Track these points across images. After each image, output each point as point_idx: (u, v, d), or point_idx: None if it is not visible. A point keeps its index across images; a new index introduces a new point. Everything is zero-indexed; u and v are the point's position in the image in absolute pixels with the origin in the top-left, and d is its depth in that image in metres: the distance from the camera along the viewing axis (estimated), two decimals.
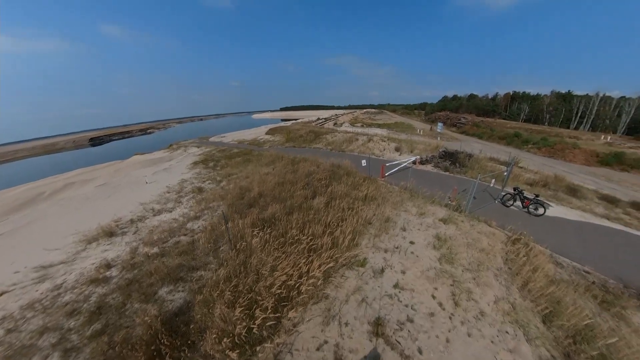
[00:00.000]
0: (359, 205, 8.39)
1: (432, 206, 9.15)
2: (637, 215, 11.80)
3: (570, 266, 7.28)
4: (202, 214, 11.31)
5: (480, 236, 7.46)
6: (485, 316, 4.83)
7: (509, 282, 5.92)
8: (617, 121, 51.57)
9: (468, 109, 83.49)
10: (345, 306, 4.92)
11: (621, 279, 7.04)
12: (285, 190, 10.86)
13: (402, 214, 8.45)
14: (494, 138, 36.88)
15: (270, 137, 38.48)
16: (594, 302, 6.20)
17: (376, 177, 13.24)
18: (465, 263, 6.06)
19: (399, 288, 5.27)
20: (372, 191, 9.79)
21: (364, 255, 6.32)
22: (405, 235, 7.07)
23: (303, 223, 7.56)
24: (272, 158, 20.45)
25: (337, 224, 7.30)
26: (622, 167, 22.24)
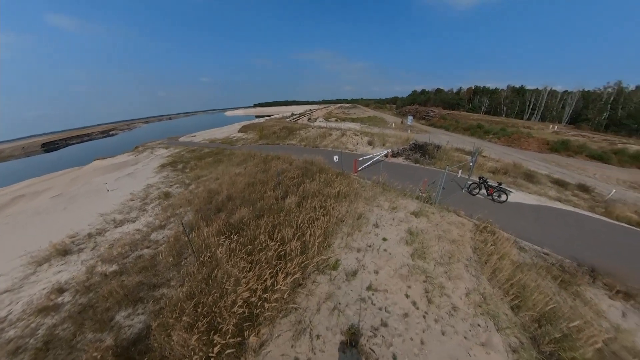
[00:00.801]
0: (331, 204, 8.03)
1: (403, 199, 9.07)
2: (583, 196, 12.80)
3: (532, 249, 7.57)
4: (168, 222, 10.37)
5: (450, 227, 7.47)
6: (458, 311, 4.72)
7: (478, 272, 5.93)
8: (562, 112, 56.63)
9: (435, 102, 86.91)
10: (316, 316, 4.54)
11: (575, 257, 7.44)
12: (256, 191, 10.22)
13: (374, 210, 8.24)
14: (459, 129, 38.62)
15: (243, 135, 36.96)
16: (554, 282, 6.45)
17: (349, 172, 13.01)
18: (437, 256, 5.97)
19: (373, 290, 5.00)
20: (344, 187, 9.50)
21: (337, 256, 5.98)
22: (378, 232, 6.85)
23: (273, 226, 7.05)
24: (244, 157, 19.48)
25: (308, 224, 6.88)
26: (568, 153, 24.32)
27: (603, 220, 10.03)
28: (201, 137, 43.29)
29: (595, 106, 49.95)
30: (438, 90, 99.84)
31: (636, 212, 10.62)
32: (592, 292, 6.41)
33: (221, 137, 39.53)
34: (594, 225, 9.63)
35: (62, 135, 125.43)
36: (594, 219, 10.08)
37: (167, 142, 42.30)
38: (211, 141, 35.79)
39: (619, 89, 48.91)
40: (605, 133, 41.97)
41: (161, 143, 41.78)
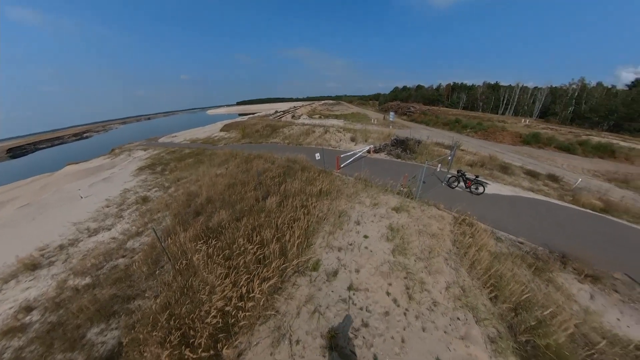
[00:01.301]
0: (312, 203, 7.85)
1: (385, 195, 9.03)
2: (553, 185, 13.40)
3: (508, 239, 7.76)
4: (146, 229, 9.82)
5: (430, 221, 7.50)
6: (438, 305, 4.69)
7: (458, 265, 5.96)
8: (533, 107, 59.49)
9: (416, 98, 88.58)
10: (296, 321, 4.35)
11: (547, 245, 7.71)
12: (236, 192, 9.84)
13: (356, 206, 8.14)
14: (439, 124, 39.56)
15: (226, 134, 35.91)
16: (529, 270, 6.63)
17: (332, 169, 12.86)
18: (418, 251, 5.94)
19: (354, 290, 4.87)
20: (326, 185, 9.33)
21: (318, 256, 5.81)
22: (360, 230, 6.74)
23: (253, 228, 6.77)
24: (225, 157, 18.84)
25: (289, 225, 6.66)
26: (539, 145, 25.53)
27: (571, 208, 10.52)
28: (182, 138, 41.65)
29: (561, 101, 53.02)
30: (419, 86, 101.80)
31: (599, 199, 11.23)
32: (563, 277, 6.65)
33: (203, 136, 38.22)
34: (563, 213, 10.07)
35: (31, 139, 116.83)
36: (563, 207, 10.55)
37: (146, 143, 40.34)
38: (192, 141, 34.49)
39: (582, 86, 52.23)
40: (571, 126, 44.54)
41: (140, 145, 39.78)
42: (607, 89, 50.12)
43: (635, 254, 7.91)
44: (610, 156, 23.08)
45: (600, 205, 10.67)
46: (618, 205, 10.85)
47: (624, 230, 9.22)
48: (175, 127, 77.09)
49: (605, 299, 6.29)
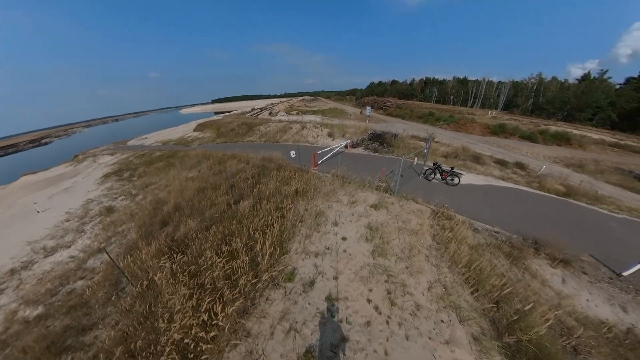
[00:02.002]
0: (288, 205, 7.28)
1: (363, 192, 8.67)
2: (521, 173, 13.91)
3: (484, 229, 7.74)
4: (109, 244, 8.73)
5: (409, 216, 7.25)
6: (421, 309, 4.39)
7: (439, 260, 5.74)
8: (498, 100, 62.92)
9: (392, 93, 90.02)
10: (270, 342, 3.82)
11: (520, 232, 7.81)
12: (206, 197, 9.01)
13: (334, 205, 7.70)
14: (413, 117, 40.27)
15: (200, 134, 33.89)
16: (506, 260, 6.62)
17: (309, 167, 12.32)
18: (398, 251, 5.63)
19: (332, 300, 4.43)
20: (303, 184, 8.79)
21: (293, 264, 5.29)
22: (337, 231, 6.30)
23: (223, 237, 6.09)
24: (198, 158, 17.55)
25: (262, 231, 6.05)
26: (505, 135, 26.77)
27: (538, 194, 10.89)
28: (153, 139, 38.69)
29: (523, 94, 56.72)
30: (393, 81, 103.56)
31: (561, 184, 11.75)
32: (537, 263, 6.71)
33: (175, 137, 35.75)
34: (532, 199, 10.38)
35: None
36: (531, 194, 10.89)
37: (114, 147, 36.93)
38: (164, 143, 32.11)
39: (540, 80, 56.26)
40: (531, 117, 47.54)
41: (106, 149, 36.28)
42: (560, 82, 54.23)
43: (596, 234, 8.27)
44: (566, 143, 24.75)
45: (562, 190, 11.15)
46: (577, 189, 11.41)
47: (584, 212, 9.67)
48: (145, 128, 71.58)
49: (575, 281, 6.43)
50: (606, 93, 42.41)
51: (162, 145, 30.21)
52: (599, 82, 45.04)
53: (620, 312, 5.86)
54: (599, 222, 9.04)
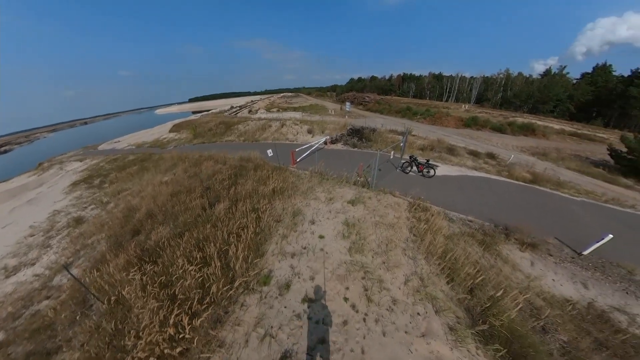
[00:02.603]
0: (264, 205, 6.99)
1: (341, 188, 8.55)
2: (492, 162, 14.50)
3: (459, 219, 7.93)
4: (78, 258, 8.01)
5: (387, 210, 7.24)
6: (398, 303, 4.33)
7: (415, 252, 5.74)
8: (470, 94, 65.62)
9: (371, 88, 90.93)
10: (245, 351, 3.60)
11: (492, 220, 8.07)
12: (180, 202, 8.47)
13: (311, 203, 7.51)
14: (392, 112, 40.92)
15: (176, 135, 32.23)
16: (479, 247, 6.81)
17: (288, 165, 12.04)
18: (375, 246, 5.56)
19: (308, 301, 4.26)
20: (280, 183, 8.52)
21: (270, 267, 5.06)
22: (314, 229, 6.13)
23: (196, 243, 5.71)
24: (174, 161, 16.59)
25: (238, 234, 5.74)
26: (477, 127, 27.92)
27: (508, 182, 11.38)
28: (126, 142, 36.15)
29: (492, 88, 59.80)
30: (373, 77, 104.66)
31: (528, 172, 12.38)
32: (507, 248, 6.96)
33: (150, 139, 33.67)
34: (502, 187, 10.82)
35: None
36: (501, 182, 11.36)
37: (83, 152, 33.86)
38: (138, 146, 30.08)
39: (507, 75, 59.54)
40: (501, 109, 50.00)
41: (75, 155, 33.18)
42: (525, 78, 57.62)
43: (559, 217, 8.76)
44: (532, 134, 26.25)
45: (529, 177, 11.74)
46: (542, 175, 12.07)
47: (548, 197, 10.22)
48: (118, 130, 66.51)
49: (542, 263, 6.74)
50: (565, 87, 45.72)
51: (136, 149, 28.32)
52: (558, 77, 48.31)
53: (582, 289, 6.22)
54: (561, 206, 9.59)
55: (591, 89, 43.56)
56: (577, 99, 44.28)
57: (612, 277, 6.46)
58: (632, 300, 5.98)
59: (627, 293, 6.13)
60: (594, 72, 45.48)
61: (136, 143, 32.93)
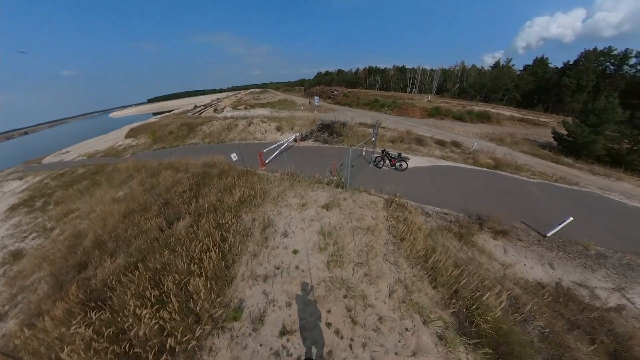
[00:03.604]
0: (230, 218, 6.14)
1: (313, 191, 7.93)
2: (457, 150, 14.93)
3: (434, 212, 7.82)
4: (15, 304, 6.47)
5: (363, 211, 6.82)
6: (384, 321, 3.91)
7: (397, 256, 5.40)
8: (431, 85, 68.62)
9: (339, 82, 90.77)
10: None
11: (465, 210, 8.12)
12: (134, 223, 7.23)
13: (283, 211, 6.81)
14: (360, 105, 41.03)
15: (133, 141, 28.81)
16: (457, 240, 6.72)
17: (256, 167, 11.11)
18: (355, 255, 5.09)
19: (287, 333, 3.66)
20: (248, 190, 7.64)
21: (240, 295, 4.34)
22: (288, 243, 5.47)
23: (152, 276, 4.75)
24: (129, 172, 14.56)
25: (200, 259, 4.87)
26: (441, 117, 29.05)
27: (474, 169, 11.71)
28: (76, 153, 31.32)
29: (451, 80, 63.34)
30: (340, 71, 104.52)
31: (490, 158, 12.90)
32: (482, 238, 6.97)
33: (104, 147, 29.64)
34: (469, 174, 11.08)
35: None
36: (468, 170, 11.65)
37: (24, 168, 28.52)
38: (90, 156, 26.11)
39: (463, 67, 63.37)
40: (459, 99, 52.96)
41: (13, 172, 27.65)
42: (478, 70, 61.85)
43: (521, 200, 9.13)
44: (488, 121, 28.00)
45: (492, 163, 12.21)
46: (503, 161, 12.64)
47: (510, 181, 10.68)
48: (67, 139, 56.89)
49: (514, 249, 6.85)
50: (511, 78, 49.97)
51: (87, 160, 24.62)
52: (506, 69, 52.52)
53: (550, 270, 6.42)
54: (522, 189, 10.04)
55: (532, 79, 48.10)
56: (522, 88, 48.67)
57: (572, 255, 6.79)
58: (589, 274, 6.32)
59: (585, 268, 6.48)
60: (534, 64, 50.10)
61: (87, 153, 28.71)
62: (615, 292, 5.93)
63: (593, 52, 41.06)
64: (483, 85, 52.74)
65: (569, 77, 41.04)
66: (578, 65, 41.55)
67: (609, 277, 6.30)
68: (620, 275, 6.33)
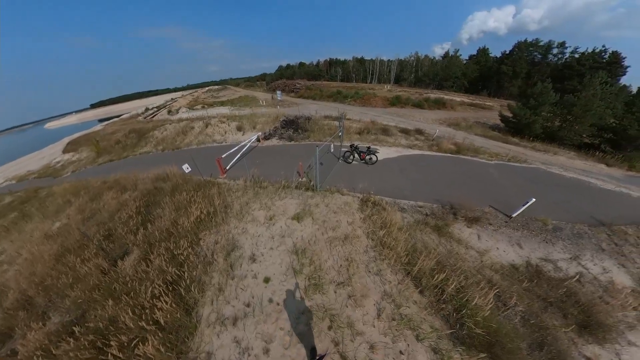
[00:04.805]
0: (187, 245, 5.05)
1: (281, 200, 7.04)
2: (421, 138, 15.15)
3: (409, 206, 7.56)
4: None
5: (338, 217, 6.22)
6: (377, 349, 3.41)
7: (379, 264, 4.93)
8: (390, 75, 70.43)
9: (301, 75, 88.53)
10: None
11: (438, 200, 8.02)
12: (69, 267, 5.70)
13: (249, 228, 5.89)
14: (324, 97, 40.34)
15: (73, 156, 24.25)
16: (435, 234, 6.52)
17: (216, 175, 9.83)
18: (335, 274, 4.48)
19: None
20: (207, 206, 6.50)
21: (206, 346, 3.48)
22: (257, 270, 4.64)
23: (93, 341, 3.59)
24: (68, 196, 11.92)
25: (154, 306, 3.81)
26: (402, 105, 29.75)
27: (439, 156, 11.88)
28: (2, 177, 25.24)
29: (407, 70, 65.72)
30: (301, 64, 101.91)
31: (452, 144, 13.23)
32: (457, 227, 6.88)
33: (38, 167, 24.31)
34: (436, 161, 11.19)
35: None
36: (434, 157, 11.78)
37: None
38: (20, 179, 21.03)
39: (417, 58, 66.23)
40: (415, 87, 55.24)
41: None
42: (431, 59, 65.02)
43: (484, 182, 9.42)
44: (443, 107, 29.42)
45: (454, 149, 12.53)
46: (463, 145, 13.06)
47: (471, 165, 11.02)
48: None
49: (486, 234, 6.88)
50: (459, 67, 53.58)
51: (16, 184, 19.85)
52: (455, 59, 56.11)
53: (519, 249, 6.56)
54: (483, 171, 10.39)
55: (477, 68, 52.17)
56: (468, 76, 52.59)
57: (534, 231, 7.07)
58: (550, 247, 6.64)
59: (546, 242, 6.78)
60: (477, 54, 54.27)
61: (17, 175, 23.17)
62: (573, 262, 6.28)
63: (524, 43, 45.50)
64: (436, 74, 55.79)
65: (506, 65, 45.23)
66: (513, 54, 45.87)
67: (565, 247, 6.66)
68: (574, 245, 6.75)
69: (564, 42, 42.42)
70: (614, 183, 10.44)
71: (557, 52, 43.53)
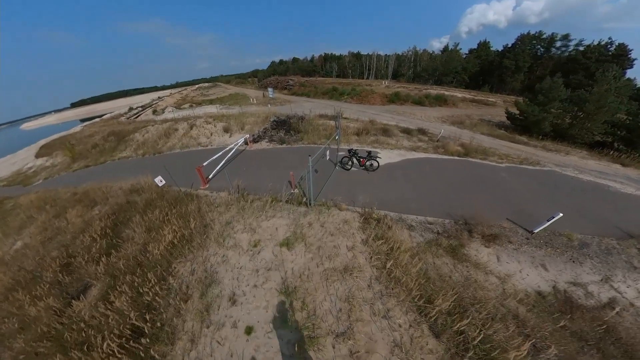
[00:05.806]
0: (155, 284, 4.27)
1: (268, 220, 6.23)
2: (424, 139, 14.51)
3: (418, 223, 6.86)
4: None
5: (335, 240, 5.49)
6: None
7: (387, 301, 4.24)
8: (387, 71, 69.88)
9: (294, 71, 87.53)
10: None
11: (449, 214, 7.33)
12: (18, 305, 4.88)
13: (230, 256, 5.11)
14: (318, 94, 39.47)
15: (47, 161, 23.12)
16: (448, 257, 5.85)
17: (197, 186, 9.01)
18: (333, 320, 3.77)
19: None
20: (182, 227, 5.71)
21: None
22: (238, 316, 3.87)
23: None
24: (34, 209, 10.99)
25: None
26: (401, 102, 29.14)
27: (446, 159, 11.22)
28: None
29: (405, 65, 65.28)
30: (295, 59, 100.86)
31: (460, 145, 12.60)
32: (474, 247, 6.23)
33: (8, 173, 23.12)
34: (443, 166, 10.53)
35: None
36: (440, 160, 11.12)
37: None
38: None
39: (415, 52, 65.52)
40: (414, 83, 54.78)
41: None
42: (430, 54, 64.58)
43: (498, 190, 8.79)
44: (444, 104, 28.87)
45: (462, 151, 11.89)
46: (470, 146, 12.43)
47: (482, 169, 10.39)
48: None
49: (506, 254, 6.24)
50: (459, 61, 53.09)
51: None
52: (454, 53, 55.59)
53: (543, 272, 5.93)
54: (495, 176, 9.77)
55: (478, 62, 51.82)
56: (469, 71, 52.17)
57: (559, 249, 6.45)
58: (578, 268, 6.04)
59: (573, 262, 6.17)
60: (478, 47, 53.85)
61: None
62: (605, 284, 5.69)
63: (527, 36, 45.29)
64: (435, 69, 55.27)
65: (509, 59, 44.95)
66: (515, 48, 45.59)
67: (594, 267, 6.08)
68: (603, 263, 6.17)
69: (567, 35, 42.31)
70: (633, 186, 9.91)
71: (561, 45, 43.42)
